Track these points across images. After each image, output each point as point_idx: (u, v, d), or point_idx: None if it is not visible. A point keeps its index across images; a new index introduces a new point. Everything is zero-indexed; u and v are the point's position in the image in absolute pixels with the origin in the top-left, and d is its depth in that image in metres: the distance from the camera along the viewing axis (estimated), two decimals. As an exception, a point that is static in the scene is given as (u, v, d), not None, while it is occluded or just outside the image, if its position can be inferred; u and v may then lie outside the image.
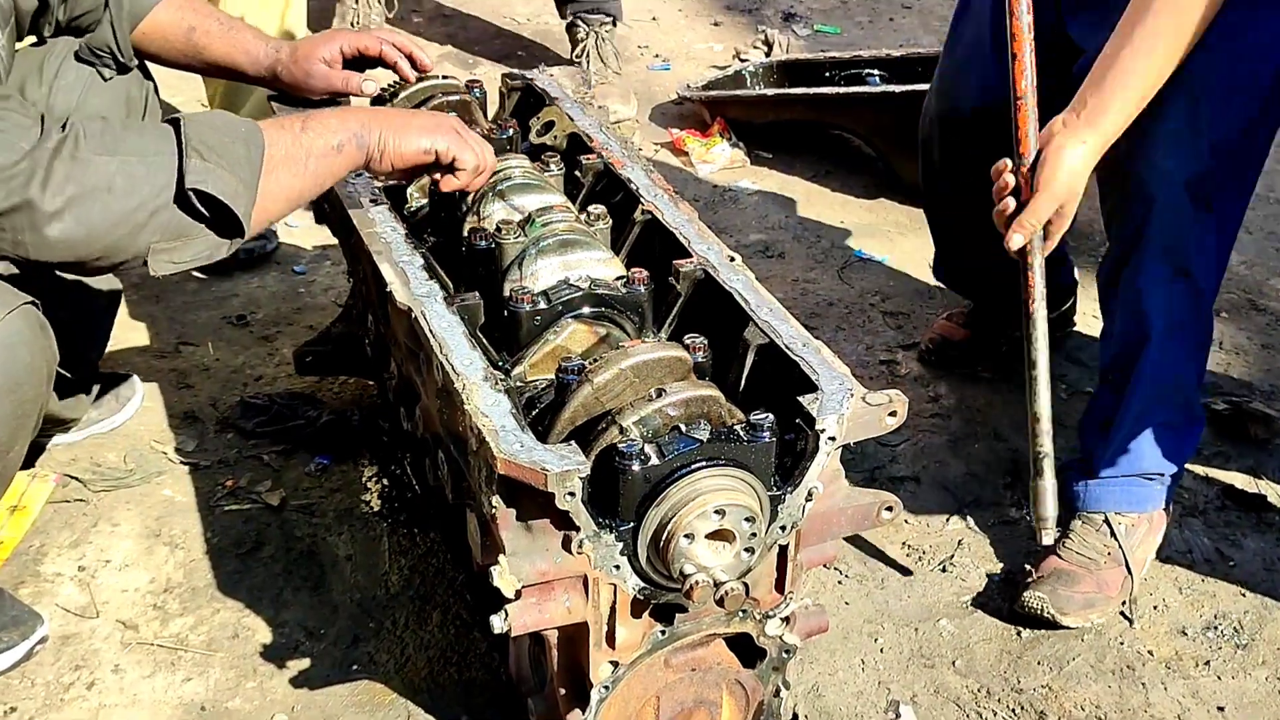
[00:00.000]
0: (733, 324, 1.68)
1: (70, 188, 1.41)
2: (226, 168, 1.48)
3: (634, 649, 1.56)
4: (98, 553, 2.15)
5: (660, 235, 1.88)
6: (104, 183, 1.42)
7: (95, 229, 1.44)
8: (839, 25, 4.66)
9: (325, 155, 1.61)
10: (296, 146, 1.58)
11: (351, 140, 1.63)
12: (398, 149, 1.67)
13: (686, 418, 1.49)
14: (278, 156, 1.55)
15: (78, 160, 1.41)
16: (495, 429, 1.41)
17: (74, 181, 1.41)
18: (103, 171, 1.42)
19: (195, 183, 1.45)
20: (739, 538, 1.45)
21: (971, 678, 1.98)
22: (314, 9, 3.65)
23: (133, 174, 1.44)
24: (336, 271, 2.99)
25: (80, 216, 1.42)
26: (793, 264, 3.16)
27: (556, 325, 1.68)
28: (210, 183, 1.46)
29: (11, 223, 1.41)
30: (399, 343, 1.87)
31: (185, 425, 2.47)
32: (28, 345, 1.58)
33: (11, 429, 1.62)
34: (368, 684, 1.91)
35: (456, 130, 1.73)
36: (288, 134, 1.58)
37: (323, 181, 1.65)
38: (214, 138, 1.49)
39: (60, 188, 1.40)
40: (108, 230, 1.45)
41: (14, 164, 1.37)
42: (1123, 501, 2.14)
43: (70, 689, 1.90)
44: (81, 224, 1.43)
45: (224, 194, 1.47)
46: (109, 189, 1.43)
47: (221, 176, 1.48)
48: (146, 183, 1.45)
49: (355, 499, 2.29)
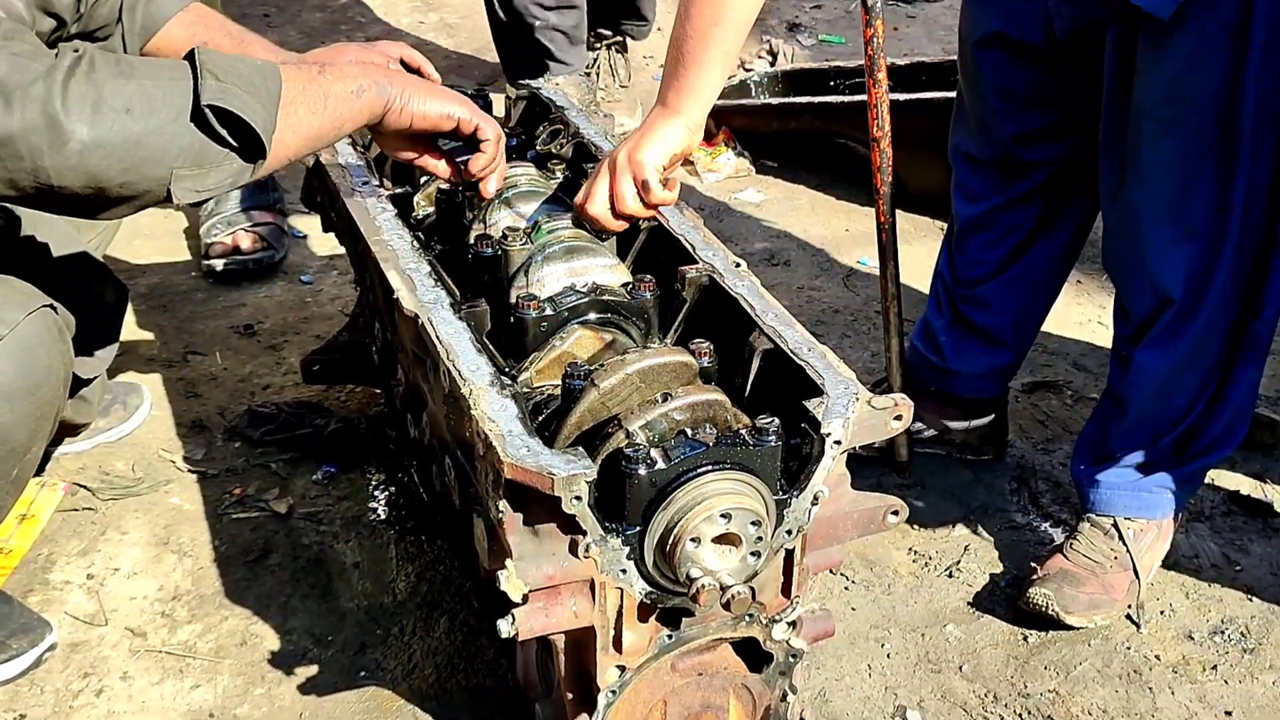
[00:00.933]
0: (738, 329, 1.69)
1: (88, 107, 1.38)
2: (243, 89, 1.46)
3: (641, 653, 1.56)
4: (106, 561, 2.16)
5: (666, 242, 1.89)
6: (122, 103, 1.40)
7: (115, 149, 1.40)
8: (843, 35, 4.67)
9: (344, 98, 1.58)
10: (314, 85, 1.55)
11: (371, 88, 1.61)
12: (420, 107, 1.65)
13: (692, 422, 1.50)
14: (295, 92, 1.52)
15: (93, 81, 1.39)
16: (502, 434, 1.41)
17: (91, 101, 1.38)
18: (120, 92, 1.40)
19: (212, 99, 1.43)
20: (745, 542, 1.45)
21: (978, 683, 1.98)
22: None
23: (150, 95, 1.41)
24: (343, 281, 3.00)
25: (100, 136, 1.39)
26: (798, 272, 3.16)
27: (563, 331, 1.68)
28: (227, 99, 1.44)
29: (29, 144, 1.37)
30: (406, 349, 1.87)
31: (193, 434, 2.48)
32: (47, 347, 1.59)
33: (30, 430, 1.63)
34: (375, 691, 1.92)
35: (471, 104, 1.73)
36: (305, 73, 1.55)
37: (340, 125, 1.61)
38: (228, 64, 1.46)
39: (78, 107, 1.37)
40: (128, 151, 1.41)
41: (31, 82, 1.35)
42: (1132, 506, 2.13)
43: (79, 696, 1.90)
44: (101, 143, 1.39)
45: (242, 110, 1.45)
46: (127, 110, 1.40)
47: (239, 95, 1.45)
48: (164, 104, 1.42)
49: (362, 506, 2.29)
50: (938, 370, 2.39)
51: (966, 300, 2.35)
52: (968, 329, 2.37)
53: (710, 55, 1.76)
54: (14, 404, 1.58)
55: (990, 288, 2.32)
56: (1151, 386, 2.05)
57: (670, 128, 1.79)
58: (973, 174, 2.28)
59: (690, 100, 1.79)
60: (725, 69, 1.78)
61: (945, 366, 2.39)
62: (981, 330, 2.35)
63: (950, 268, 2.37)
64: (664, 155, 1.78)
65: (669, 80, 1.80)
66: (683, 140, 1.80)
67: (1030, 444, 2.54)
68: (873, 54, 2.20)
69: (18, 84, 1.34)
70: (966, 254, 2.33)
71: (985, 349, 2.38)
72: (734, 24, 1.75)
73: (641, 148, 1.78)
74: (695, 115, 1.80)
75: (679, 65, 1.78)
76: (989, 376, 2.40)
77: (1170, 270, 1.95)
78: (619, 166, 1.79)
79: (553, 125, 2.23)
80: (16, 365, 1.55)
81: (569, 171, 2.08)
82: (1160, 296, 1.98)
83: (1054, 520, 2.34)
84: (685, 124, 1.79)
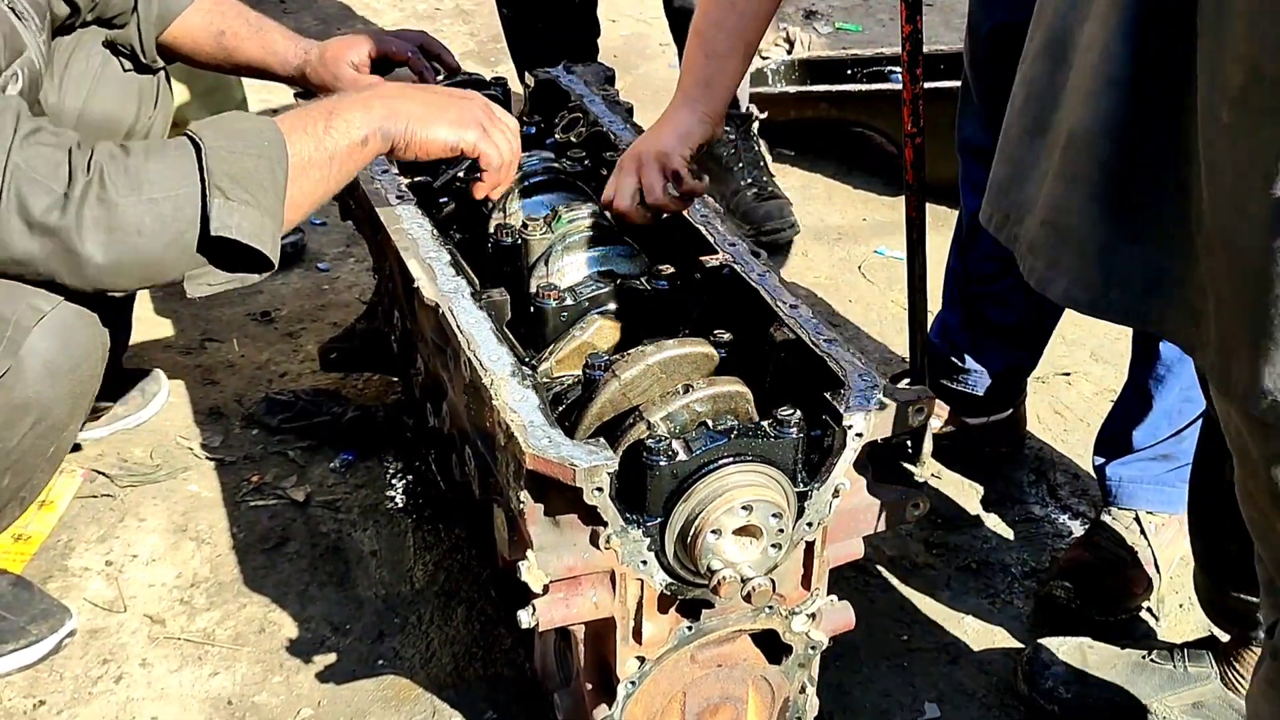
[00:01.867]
0: (759, 320, 1.68)
1: (103, 233, 1.44)
2: (251, 200, 1.48)
3: (660, 644, 1.56)
4: (125, 547, 2.16)
5: (685, 232, 1.88)
6: (134, 225, 1.45)
7: (128, 268, 1.48)
8: (860, 23, 4.64)
9: (350, 153, 1.60)
10: (320, 150, 1.57)
11: (376, 133, 1.62)
12: (423, 141, 1.66)
13: (713, 413, 1.50)
14: (302, 162, 1.55)
15: (106, 204, 1.43)
16: (524, 424, 1.41)
17: (105, 227, 1.44)
18: (132, 215, 1.44)
19: (220, 229, 1.47)
20: (766, 534, 1.45)
21: (997, 676, 1.98)
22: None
23: (160, 214, 1.46)
24: (360, 268, 3.00)
25: (114, 259, 1.46)
26: (815, 261, 3.15)
27: (583, 321, 1.68)
28: (235, 226, 1.47)
29: (48, 266, 1.46)
30: (426, 339, 1.87)
31: (211, 421, 2.48)
32: (87, 326, 1.61)
33: (69, 407, 1.66)
34: (393, 679, 1.92)
35: (483, 122, 1.72)
36: (311, 139, 1.57)
37: (348, 177, 1.64)
38: (236, 166, 1.48)
39: (93, 234, 1.44)
40: (141, 268, 1.49)
41: (48, 210, 1.41)
42: (1155, 500, 2.12)
43: (98, 682, 1.91)
44: (115, 265, 1.47)
45: (250, 236, 1.48)
46: (139, 231, 1.45)
47: (247, 215, 1.48)
48: (173, 223, 1.47)
49: (380, 495, 2.29)
50: (955, 369, 2.38)
51: (982, 297, 2.33)
52: (984, 327, 2.34)
53: (730, 45, 1.74)
54: (55, 381, 1.59)
55: (1006, 284, 2.29)
56: (1174, 378, 2.04)
57: (692, 118, 1.78)
58: (983, 167, 2.25)
59: (711, 90, 1.78)
60: (746, 59, 1.77)
61: (962, 365, 2.38)
62: (998, 328, 2.33)
63: (962, 264, 2.35)
64: (689, 146, 1.77)
65: (689, 70, 1.79)
66: (705, 131, 1.79)
67: (1049, 435, 2.53)
68: (911, 50, 2.17)
69: (37, 211, 1.40)
70: (979, 249, 2.30)
71: (1003, 348, 2.36)
72: (754, 13, 1.74)
73: (665, 140, 1.77)
74: (716, 105, 1.79)
75: (699, 55, 1.77)
76: (1007, 375, 2.39)
77: None
78: (645, 159, 1.78)
79: (571, 113, 2.22)
80: (59, 343, 1.57)
81: (588, 160, 2.07)
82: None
83: (1072, 512, 2.33)
84: (707, 114, 1.78)
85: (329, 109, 1.61)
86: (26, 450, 1.64)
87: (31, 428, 1.61)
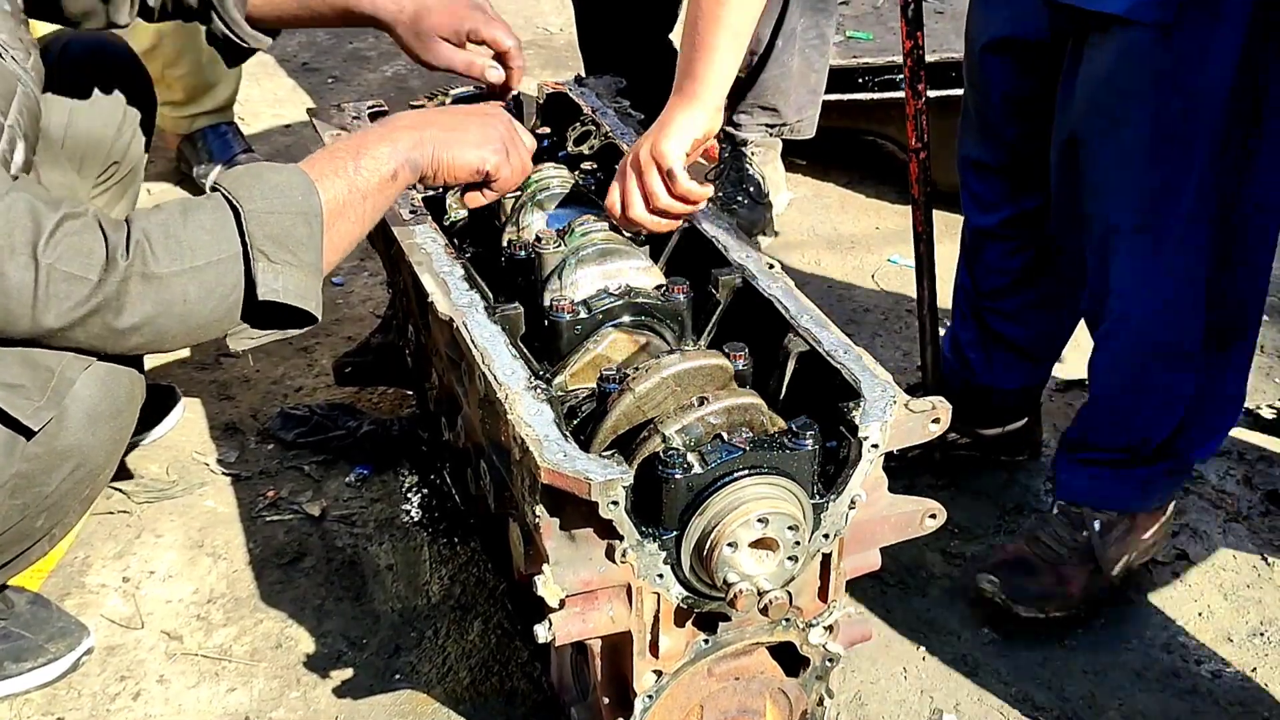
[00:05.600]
0: (773, 332, 1.68)
1: (147, 305, 1.44)
2: (294, 260, 1.49)
3: (677, 658, 1.55)
4: (142, 564, 2.17)
5: (699, 244, 1.88)
6: (179, 295, 1.45)
7: (173, 336, 1.49)
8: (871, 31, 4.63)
9: (382, 188, 1.60)
10: (353, 191, 1.57)
11: (405, 166, 1.62)
12: (449, 166, 1.67)
13: (728, 426, 1.50)
14: (337, 207, 1.55)
15: (149, 278, 1.43)
16: (539, 439, 1.41)
17: (150, 300, 1.44)
18: (176, 286, 1.44)
19: (267, 294, 1.47)
20: (782, 546, 1.45)
21: (1015, 686, 1.97)
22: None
23: (204, 281, 1.46)
24: (374, 282, 3.01)
25: (159, 329, 1.47)
26: (828, 270, 3.15)
27: (597, 334, 1.68)
28: (281, 290, 1.48)
29: (90, 344, 1.47)
30: (440, 353, 1.88)
31: (226, 436, 2.48)
32: (129, 373, 1.61)
33: (108, 452, 1.67)
34: (410, 694, 1.92)
35: (505, 141, 1.73)
36: (343, 180, 1.56)
37: (380, 212, 1.65)
38: (276, 226, 1.48)
39: (137, 309, 1.44)
40: (185, 334, 1.50)
41: (85, 300, 1.41)
42: (1100, 497, 2.08)
43: (116, 699, 1.91)
44: (159, 334, 1.48)
45: (295, 298, 1.49)
46: (184, 300, 1.46)
47: (291, 276, 1.49)
48: (218, 288, 1.47)
49: (396, 509, 2.30)
50: (968, 385, 2.36)
51: (992, 312, 2.31)
52: (996, 342, 2.33)
53: (720, 38, 1.74)
54: (97, 428, 1.60)
55: (1017, 301, 2.27)
56: (1114, 376, 2.01)
57: (688, 114, 1.78)
58: (983, 181, 2.24)
59: (705, 84, 1.77)
60: (737, 51, 1.77)
61: (976, 382, 2.37)
62: (1010, 343, 2.32)
63: (971, 278, 2.34)
64: (686, 143, 1.77)
65: (683, 67, 1.78)
66: (702, 125, 1.78)
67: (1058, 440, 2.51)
68: (913, 65, 2.17)
69: (75, 301, 1.41)
70: (985, 263, 2.28)
71: (1017, 364, 2.34)
72: (741, 5, 1.75)
73: (662, 140, 1.77)
74: (712, 99, 1.78)
75: (692, 50, 1.77)
76: (1021, 390, 2.38)
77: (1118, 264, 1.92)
78: (643, 163, 1.78)
79: (583, 126, 2.23)
80: (102, 390, 1.58)
81: (600, 173, 2.07)
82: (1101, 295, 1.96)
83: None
84: (703, 108, 1.78)
85: (356, 147, 1.60)
86: (64, 494, 1.65)
87: (70, 473, 1.62)
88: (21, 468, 1.57)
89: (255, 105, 3.93)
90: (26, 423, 1.52)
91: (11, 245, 1.37)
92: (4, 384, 1.50)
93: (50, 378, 1.52)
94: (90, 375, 1.55)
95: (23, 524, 1.65)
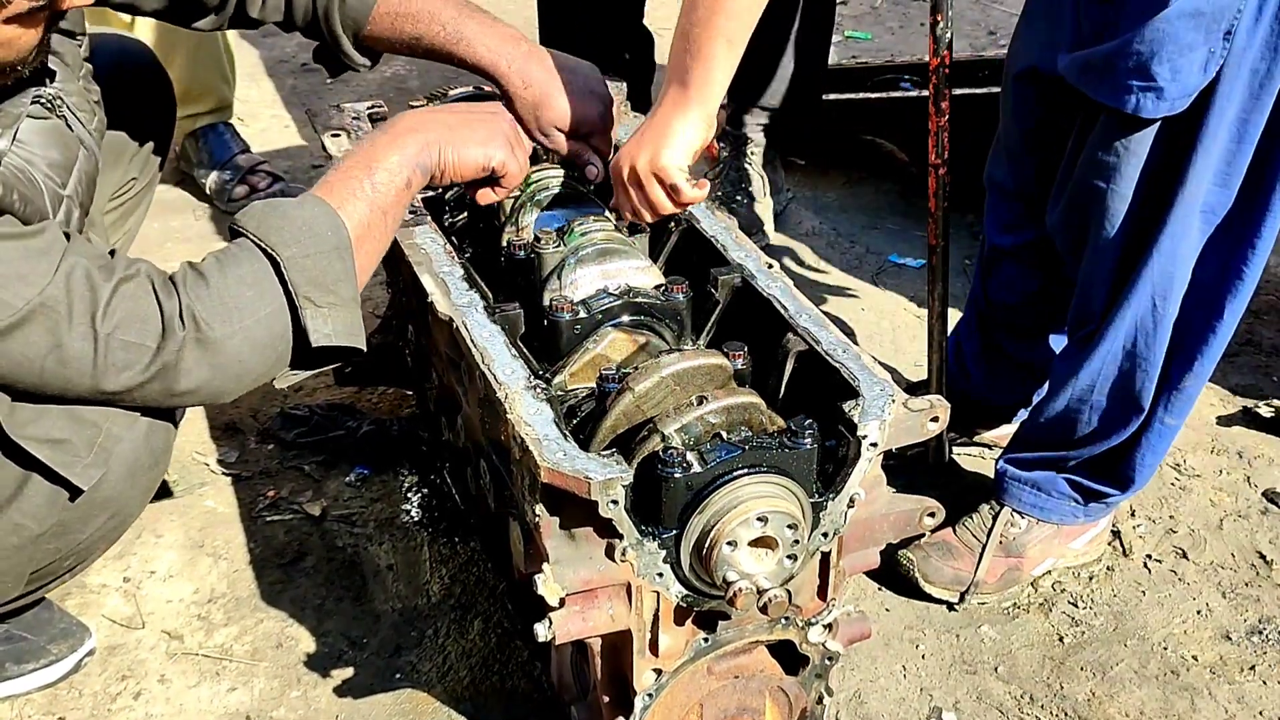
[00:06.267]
0: (772, 331, 1.69)
1: (204, 370, 1.45)
2: (336, 299, 1.49)
3: (677, 656, 1.56)
4: (142, 564, 2.17)
5: (698, 244, 1.89)
6: (234, 359, 1.46)
7: (228, 393, 1.51)
8: (870, 31, 4.65)
9: (398, 199, 1.61)
10: (374, 209, 1.57)
11: (416, 171, 1.62)
12: (456, 166, 1.67)
13: (728, 425, 1.50)
14: (361, 229, 1.55)
15: (204, 343, 1.44)
16: (538, 438, 1.42)
17: (206, 365, 1.45)
18: (230, 348, 1.45)
19: (319, 340, 1.48)
20: (782, 545, 1.45)
21: (1014, 684, 1.97)
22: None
23: (255, 340, 1.47)
24: (374, 283, 3.00)
25: (213, 390, 1.49)
26: (828, 269, 3.15)
27: (596, 334, 1.68)
28: (333, 334, 1.49)
29: (144, 396, 1.47)
30: (440, 353, 1.88)
31: (226, 437, 2.49)
32: (163, 425, 1.62)
33: (141, 500, 1.68)
34: (411, 693, 1.93)
35: (509, 138, 1.73)
36: (362, 201, 1.56)
37: (399, 222, 1.65)
38: (314, 268, 1.48)
39: (194, 374, 1.45)
40: (238, 390, 1.51)
41: (146, 367, 1.42)
42: (1027, 503, 2.12)
43: (117, 699, 1.92)
44: (213, 394, 1.50)
45: (345, 337, 1.50)
46: (240, 360, 1.47)
47: (337, 316, 1.49)
48: (268, 341, 1.48)
49: (395, 509, 2.30)
50: (967, 398, 2.35)
51: (1002, 326, 2.31)
52: (1000, 358, 2.33)
53: (717, 47, 1.73)
54: (135, 480, 1.61)
55: (1026, 321, 2.27)
56: (1061, 393, 2.01)
57: (686, 123, 1.75)
58: (1004, 203, 2.23)
59: (702, 93, 1.75)
60: (734, 59, 1.76)
61: (976, 396, 2.37)
62: (1014, 361, 2.32)
63: (983, 290, 2.32)
64: (687, 156, 1.77)
65: (677, 73, 1.75)
66: (701, 133, 1.77)
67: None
68: (937, 84, 2.17)
69: (137, 369, 1.42)
70: (1000, 278, 2.27)
71: (1019, 381, 2.35)
72: (738, 13, 1.73)
73: (663, 153, 1.75)
74: (710, 106, 1.77)
75: (687, 56, 1.74)
76: (1020, 406, 2.39)
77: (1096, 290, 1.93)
78: (644, 176, 1.78)
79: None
80: (143, 444, 1.59)
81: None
82: (1085, 310, 1.96)
83: (1089, 519, 2.32)
84: (701, 116, 1.76)
85: (367, 162, 1.59)
86: (96, 540, 1.67)
87: (105, 521, 1.64)
88: (62, 517, 1.58)
89: (254, 105, 3.93)
90: (76, 482, 1.53)
91: (70, 316, 1.37)
92: (50, 440, 1.50)
93: (97, 434, 1.52)
94: (134, 430, 1.56)
95: (52, 565, 1.67)
